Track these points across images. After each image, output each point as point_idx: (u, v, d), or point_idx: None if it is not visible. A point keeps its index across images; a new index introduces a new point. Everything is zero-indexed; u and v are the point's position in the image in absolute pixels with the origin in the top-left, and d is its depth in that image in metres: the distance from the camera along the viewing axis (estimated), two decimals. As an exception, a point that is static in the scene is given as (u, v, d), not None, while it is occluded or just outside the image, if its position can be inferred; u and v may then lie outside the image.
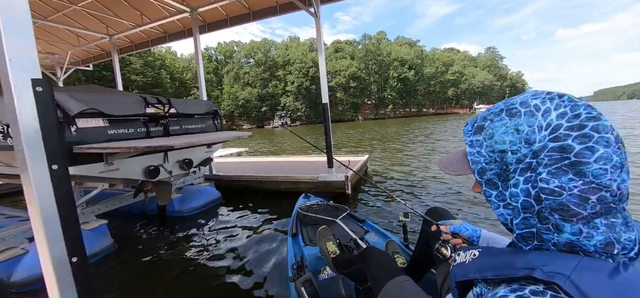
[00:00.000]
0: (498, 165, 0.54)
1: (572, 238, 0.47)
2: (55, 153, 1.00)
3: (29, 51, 0.95)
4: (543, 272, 0.47)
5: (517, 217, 0.54)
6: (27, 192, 0.97)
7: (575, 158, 0.45)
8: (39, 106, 0.96)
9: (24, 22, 0.95)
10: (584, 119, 0.46)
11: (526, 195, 0.51)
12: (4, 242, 2.65)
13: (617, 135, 0.46)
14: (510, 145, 0.52)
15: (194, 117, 3.67)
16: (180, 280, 2.54)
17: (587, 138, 0.45)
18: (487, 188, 0.57)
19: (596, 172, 0.44)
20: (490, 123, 0.56)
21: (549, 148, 0.47)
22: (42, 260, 1.00)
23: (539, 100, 0.50)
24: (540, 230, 0.51)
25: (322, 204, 2.53)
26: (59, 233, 1.00)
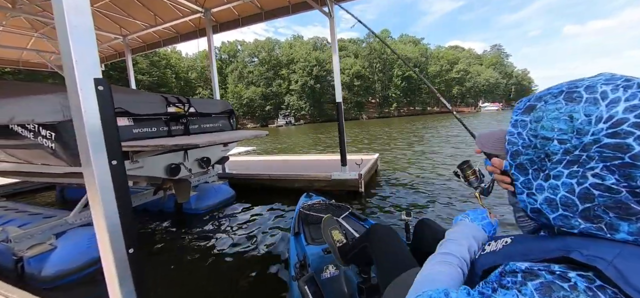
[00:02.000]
0: (536, 151, 0.50)
1: (629, 238, 0.43)
2: (115, 149, 1.05)
3: (92, 53, 1.00)
4: (582, 255, 0.43)
5: (552, 212, 0.50)
6: (90, 187, 1.02)
7: (630, 160, 0.40)
8: (100, 104, 1.01)
9: (87, 27, 1.00)
10: (623, 118, 0.40)
11: (569, 191, 0.46)
12: (32, 238, 2.73)
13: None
14: (558, 134, 0.47)
15: (211, 116, 3.72)
16: (197, 274, 2.60)
17: (634, 135, 0.39)
18: (515, 172, 0.55)
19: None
20: (543, 105, 0.50)
21: (602, 143, 0.42)
22: (102, 251, 1.05)
23: (610, 87, 0.43)
24: (588, 230, 0.47)
25: (324, 203, 2.53)
26: (118, 226, 1.05)
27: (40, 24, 6.51)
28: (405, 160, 7.65)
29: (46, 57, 7.83)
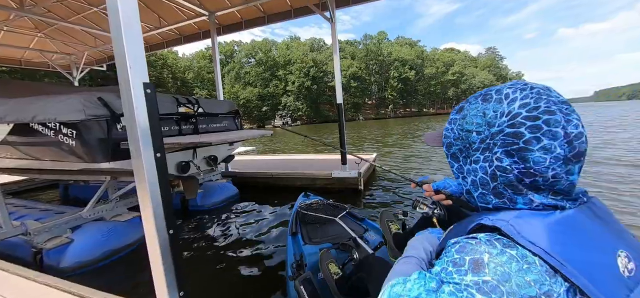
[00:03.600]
0: (463, 142, 0.62)
1: (525, 207, 0.55)
2: (158, 143, 1.21)
3: (141, 59, 1.16)
4: (489, 220, 0.54)
5: (476, 191, 0.62)
6: (139, 176, 1.17)
7: (522, 144, 0.51)
8: (148, 104, 1.17)
9: (138, 38, 1.16)
10: (541, 112, 0.51)
11: (484, 172, 0.58)
12: (49, 231, 2.86)
13: (571, 133, 0.50)
14: (476, 126, 0.59)
15: (218, 116, 3.87)
16: (200, 271, 2.75)
17: (537, 129, 0.51)
18: (451, 160, 0.68)
19: (537, 160, 0.51)
20: (468, 105, 0.63)
21: (505, 132, 0.53)
22: (147, 232, 1.21)
23: (511, 90, 0.56)
24: (497, 205, 0.58)
25: (321, 203, 2.50)
26: (161, 210, 1.21)
27: (44, 24, 6.60)
28: (403, 159, 7.86)
29: (48, 57, 7.89)
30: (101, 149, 2.50)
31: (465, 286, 0.48)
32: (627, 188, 4.20)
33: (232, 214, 4.19)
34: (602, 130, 11.93)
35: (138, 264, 2.97)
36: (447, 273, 0.53)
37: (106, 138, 2.51)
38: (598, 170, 5.25)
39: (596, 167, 5.53)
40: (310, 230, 2.09)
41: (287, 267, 1.82)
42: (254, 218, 3.94)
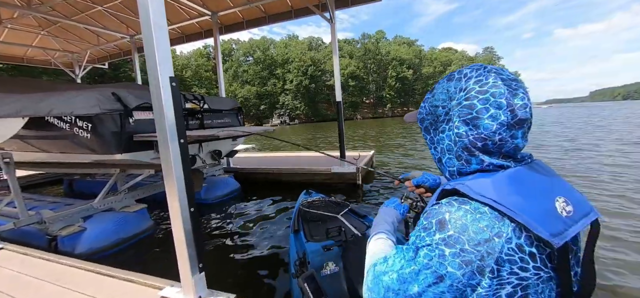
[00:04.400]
0: (432, 116, 0.73)
1: (477, 167, 0.65)
2: (182, 131, 1.37)
3: (167, 56, 1.32)
4: (449, 185, 0.64)
5: (444, 157, 0.72)
6: (165, 160, 1.33)
7: (475, 114, 0.61)
8: (173, 97, 1.33)
9: (165, 38, 1.32)
10: (490, 87, 0.61)
11: (449, 140, 0.69)
12: (63, 220, 3.01)
13: (516, 104, 0.59)
14: (441, 102, 0.69)
15: (222, 112, 4.02)
16: (208, 263, 2.91)
17: (487, 101, 0.60)
18: (424, 133, 0.78)
19: (486, 125, 0.60)
20: (437, 85, 0.72)
21: (462, 104, 0.63)
22: (172, 209, 1.37)
23: (469, 70, 0.66)
24: (459, 167, 0.68)
25: (323, 200, 2.50)
26: (184, 190, 1.37)
27: (47, 22, 6.70)
28: (400, 155, 8.04)
29: (51, 55, 7.98)
30: (115, 141, 2.65)
31: (435, 244, 0.58)
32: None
33: (234, 208, 4.35)
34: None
35: (147, 252, 3.13)
36: (421, 238, 0.61)
37: (119, 131, 2.66)
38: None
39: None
40: (312, 228, 2.09)
41: (290, 264, 1.81)
42: (255, 212, 4.09)
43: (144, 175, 3.50)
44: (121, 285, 1.68)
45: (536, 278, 0.56)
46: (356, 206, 3.06)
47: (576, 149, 7.70)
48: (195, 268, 1.42)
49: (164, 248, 3.16)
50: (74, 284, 1.75)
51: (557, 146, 8.53)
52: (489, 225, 0.55)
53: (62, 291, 1.70)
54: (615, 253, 2.49)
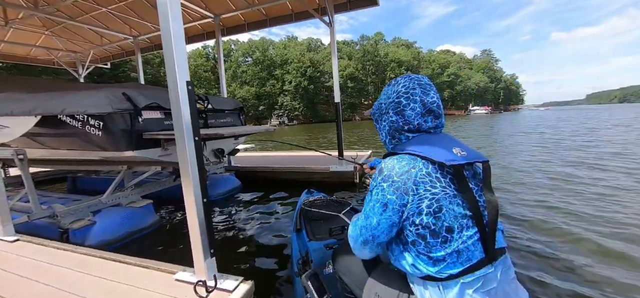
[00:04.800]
0: (379, 111, 1.06)
1: (404, 140, 0.98)
2: (196, 129, 1.52)
3: (184, 60, 1.47)
4: (389, 150, 1.00)
5: (386, 137, 1.05)
6: (182, 156, 1.49)
7: (400, 106, 0.97)
8: (189, 99, 1.49)
9: (182, 45, 1.47)
10: (409, 89, 0.96)
11: (388, 126, 1.02)
12: (74, 214, 3.15)
13: (425, 99, 0.94)
14: (384, 100, 1.04)
15: (225, 112, 4.17)
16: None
17: (407, 98, 0.95)
18: (375, 123, 1.10)
19: (408, 113, 0.95)
20: (384, 89, 1.07)
21: (392, 102, 0.99)
22: (187, 200, 1.52)
23: (401, 79, 1.01)
24: (395, 145, 1.00)
25: (325, 199, 2.50)
26: (198, 183, 1.52)
27: (52, 22, 6.82)
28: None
29: (54, 54, 8.09)
30: (125, 138, 2.79)
31: (378, 183, 0.89)
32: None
33: (235, 205, 4.49)
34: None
35: (154, 244, 3.27)
36: (371, 187, 0.92)
37: (130, 129, 2.81)
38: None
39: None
40: (314, 227, 2.10)
41: (293, 263, 1.81)
42: (255, 209, 4.24)
43: (149, 172, 3.65)
44: (137, 270, 1.83)
45: (444, 193, 0.81)
46: (358, 205, 3.15)
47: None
48: (207, 253, 1.57)
49: (170, 241, 3.31)
50: (92, 270, 1.90)
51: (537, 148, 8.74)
52: (407, 163, 0.86)
53: (81, 276, 1.84)
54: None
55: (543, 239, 2.82)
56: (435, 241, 0.80)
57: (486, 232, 0.81)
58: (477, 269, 0.79)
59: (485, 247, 0.81)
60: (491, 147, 10.02)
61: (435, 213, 0.80)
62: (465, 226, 0.81)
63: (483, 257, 0.80)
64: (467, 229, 0.80)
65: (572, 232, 2.92)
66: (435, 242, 0.80)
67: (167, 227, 3.71)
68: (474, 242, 0.80)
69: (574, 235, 2.87)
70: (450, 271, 0.79)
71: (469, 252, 0.80)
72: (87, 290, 1.65)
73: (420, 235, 0.82)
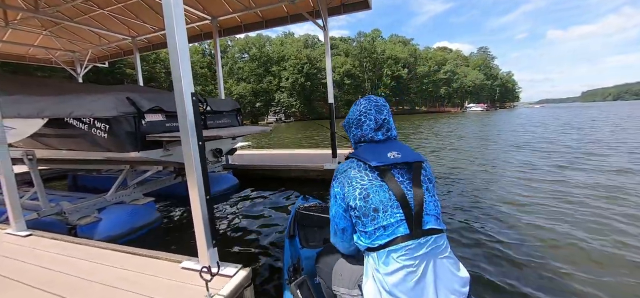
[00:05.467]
0: (348, 124, 1.30)
1: (359, 148, 1.22)
2: (200, 134, 1.71)
3: (189, 74, 1.66)
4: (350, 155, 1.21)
5: (353, 145, 1.28)
6: (188, 157, 1.68)
7: (360, 122, 1.22)
8: (193, 107, 1.68)
9: (187, 57, 1.66)
10: (366, 108, 1.22)
11: (352, 137, 1.27)
12: (80, 211, 3.33)
13: (378, 117, 1.19)
14: (350, 116, 1.29)
15: (223, 113, 4.36)
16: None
17: (365, 117, 1.21)
18: (347, 133, 1.33)
19: (365, 128, 1.20)
20: (351, 108, 1.32)
21: (355, 119, 1.24)
22: (192, 197, 1.72)
23: (363, 100, 1.27)
24: (355, 151, 1.21)
25: (320, 206, 2.47)
26: (201, 180, 1.72)
27: (51, 23, 6.92)
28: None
29: (52, 54, 8.18)
30: (130, 140, 2.98)
31: (333, 181, 1.17)
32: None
33: (233, 202, 4.70)
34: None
35: (157, 239, 3.47)
36: (332, 186, 1.18)
37: (134, 131, 2.99)
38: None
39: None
40: (308, 234, 2.09)
41: (284, 270, 1.79)
42: (253, 206, 4.45)
43: (151, 171, 3.83)
44: (146, 260, 2.03)
45: (370, 184, 1.06)
46: None
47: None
48: (210, 243, 1.77)
49: (171, 236, 3.51)
50: (103, 260, 2.09)
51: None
52: (347, 164, 1.15)
53: (94, 266, 2.03)
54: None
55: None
56: (366, 220, 1.05)
57: (412, 215, 1.02)
58: (402, 242, 1.00)
59: (410, 226, 1.02)
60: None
61: (364, 198, 1.05)
62: (390, 208, 1.03)
63: (407, 233, 1.01)
64: (392, 210, 1.03)
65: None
66: (367, 220, 1.04)
67: (168, 223, 3.91)
68: (398, 221, 1.02)
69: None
70: (379, 242, 1.02)
71: (394, 227, 1.02)
72: (101, 277, 1.85)
73: (357, 216, 1.07)
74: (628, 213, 3.43)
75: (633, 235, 2.89)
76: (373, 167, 1.08)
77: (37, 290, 1.75)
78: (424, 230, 1.02)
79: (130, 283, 1.76)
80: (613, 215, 3.40)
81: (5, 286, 1.82)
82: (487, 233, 3.08)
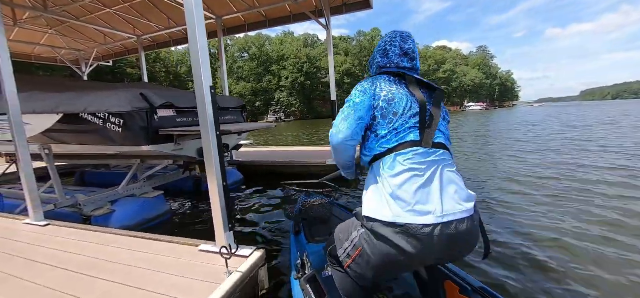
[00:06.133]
0: (372, 60, 1.33)
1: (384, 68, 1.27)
2: (217, 126, 1.85)
3: (208, 70, 1.80)
4: None
5: (374, 72, 1.31)
6: (207, 147, 1.82)
7: (386, 51, 1.25)
8: (212, 100, 1.82)
9: (207, 57, 1.80)
10: (391, 38, 1.25)
11: (376, 67, 1.29)
12: (94, 203, 3.46)
13: (403, 45, 1.22)
14: (376, 50, 1.31)
15: (229, 110, 4.49)
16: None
17: (390, 45, 1.23)
18: (370, 70, 1.35)
19: (391, 55, 1.22)
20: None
21: (381, 49, 1.27)
22: (210, 183, 1.86)
23: (389, 32, 1.30)
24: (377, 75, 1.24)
25: (324, 202, 2.52)
26: (219, 168, 1.86)
27: (57, 22, 7.04)
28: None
29: (58, 52, 8.30)
30: (143, 134, 3.11)
31: (360, 85, 1.18)
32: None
33: (238, 196, 4.84)
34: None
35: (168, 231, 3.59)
36: (355, 89, 1.19)
37: (147, 126, 3.12)
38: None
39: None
40: (313, 229, 2.11)
41: (292, 266, 1.80)
42: (256, 201, 4.58)
43: (160, 166, 3.97)
44: (164, 245, 2.17)
45: (398, 91, 1.11)
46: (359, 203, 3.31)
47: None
48: (227, 227, 1.91)
49: (181, 228, 3.64)
50: (123, 245, 2.22)
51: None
52: (372, 79, 1.19)
53: (114, 250, 2.17)
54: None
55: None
56: (384, 122, 1.09)
57: (425, 124, 1.07)
58: (410, 147, 1.03)
59: (421, 134, 1.05)
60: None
61: (388, 101, 1.09)
62: (408, 115, 1.07)
63: (417, 140, 1.04)
64: (409, 117, 1.07)
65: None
66: (384, 123, 1.09)
67: (177, 215, 4.05)
68: (411, 127, 1.06)
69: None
70: (388, 145, 1.06)
71: (405, 132, 1.05)
72: (124, 259, 1.98)
73: (374, 117, 1.12)
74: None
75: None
76: (401, 75, 1.16)
77: (62, 270, 1.89)
78: (434, 142, 1.05)
79: (151, 264, 1.90)
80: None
81: (33, 269, 1.95)
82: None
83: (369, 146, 1.13)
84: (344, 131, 1.15)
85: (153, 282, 1.66)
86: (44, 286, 1.69)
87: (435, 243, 0.95)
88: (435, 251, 0.97)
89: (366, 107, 1.12)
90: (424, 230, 0.94)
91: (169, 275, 1.72)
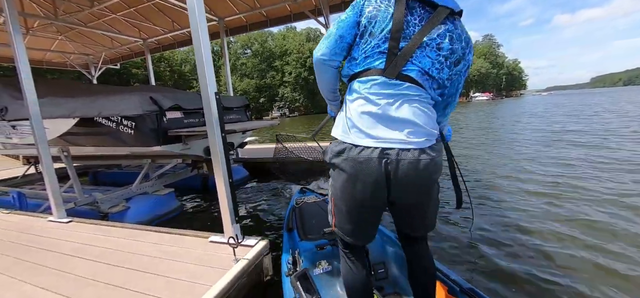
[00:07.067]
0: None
1: None
2: (222, 127, 2.03)
3: (212, 75, 1.98)
4: None
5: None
6: (213, 146, 2.00)
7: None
8: (217, 104, 2.00)
9: (211, 65, 1.97)
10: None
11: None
12: (110, 201, 3.70)
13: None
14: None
15: (234, 109, 4.68)
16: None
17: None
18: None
19: None
20: None
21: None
22: (217, 180, 2.04)
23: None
24: None
25: (317, 199, 2.50)
26: (225, 167, 2.05)
27: (66, 28, 7.29)
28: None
29: (67, 57, 8.59)
30: (153, 135, 3.31)
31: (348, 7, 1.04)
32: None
33: (244, 192, 5.06)
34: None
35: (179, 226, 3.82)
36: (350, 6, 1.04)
37: (157, 128, 3.33)
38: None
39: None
40: (306, 226, 2.09)
41: (283, 263, 1.78)
42: (261, 197, 4.79)
43: (170, 165, 4.19)
44: (178, 237, 2.38)
45: (385, 9, 0.94)
46: None
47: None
48: (233, 219, 2.11)
49: (192, 223, 3.87)
50: (140, 238, 2.44)
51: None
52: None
53: (132, 242, 2.38)
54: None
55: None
56: (360, 41, 1.00)
57: (395, 54, 0.94)
58: (371, 75, 0.97)
59: (387, 63, 0.95)
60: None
61: (370, 18, 0.96)
62: (382, 37, 0.95)
63: (381, 68, 0.95)
64: (383, 40, 0.95)
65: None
66: (360, 42, 1.00)
67: (187, 211, 4.28)
68: (379, 53, 0.96)
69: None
70: (353, 71, 1.03)
71: (373, 58, 0.97)
72: (142, 250, 2.19)
73: (356, 34, 1.01)
74: None
75: None
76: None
77: (88, 260, 2.10)
78: (401, 73, 0.95)
79: (166, 253, 2.11)
80: None
81: (62, 260, 2.18)
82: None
83: (347, 65, 1.07)
84: (322, 48, 1.07)
85: (171, 269, 1.86)
86: (74, 274, 1.91)
87: (375, 168, 0.94)
88: (378, 178, 0.95)
89: (349, 24, 1.01)
90: (363, 152, 0.95)
91: (185, 264, 1.92)
